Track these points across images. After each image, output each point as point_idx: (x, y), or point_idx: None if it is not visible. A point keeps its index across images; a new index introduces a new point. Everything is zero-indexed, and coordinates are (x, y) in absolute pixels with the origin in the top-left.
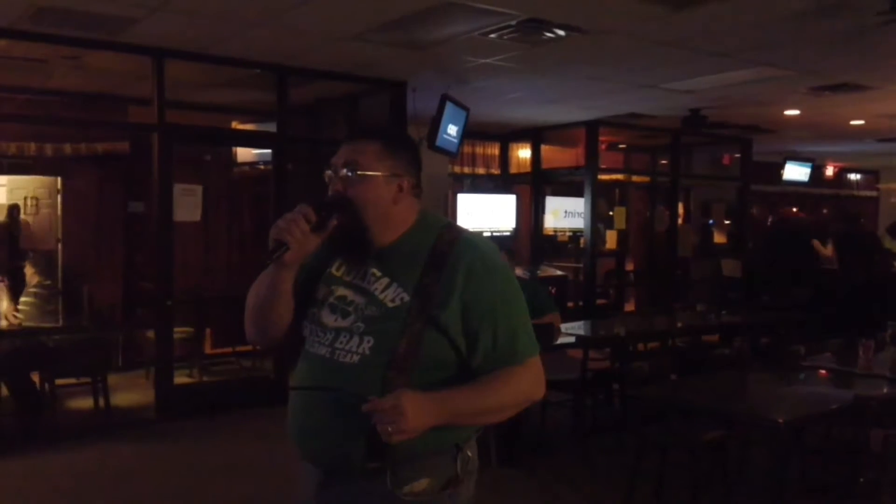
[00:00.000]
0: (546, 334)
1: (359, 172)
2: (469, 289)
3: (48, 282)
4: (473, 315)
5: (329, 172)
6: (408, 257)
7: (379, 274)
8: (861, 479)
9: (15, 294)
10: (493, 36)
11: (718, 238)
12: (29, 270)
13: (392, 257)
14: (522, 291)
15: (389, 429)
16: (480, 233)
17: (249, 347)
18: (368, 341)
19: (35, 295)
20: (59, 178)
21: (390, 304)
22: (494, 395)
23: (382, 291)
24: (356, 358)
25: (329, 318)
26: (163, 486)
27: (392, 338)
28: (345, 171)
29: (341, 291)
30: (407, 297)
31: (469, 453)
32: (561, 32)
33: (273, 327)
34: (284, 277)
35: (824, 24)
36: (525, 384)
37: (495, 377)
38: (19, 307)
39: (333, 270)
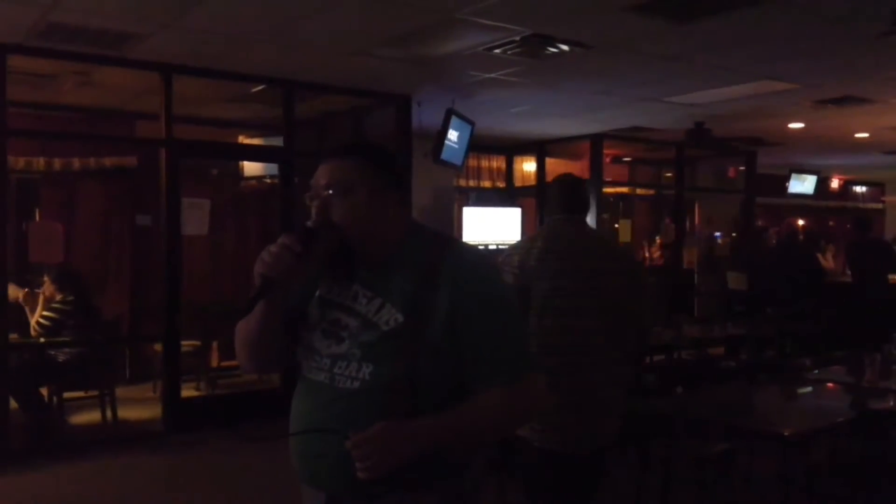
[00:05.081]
0: None
1: (341, 192)
2: (454, 301)
3: (70, 297)
4: (459, 327)
5: (310, 194)
6: (398, 275)
7: (370, 294)
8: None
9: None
10: (497, 51)
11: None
12: (49, 287)
13: (382, 276)
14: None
15: (359, 466)
16: (476, 245)
17: None
18: (368, 367)
19: (57, 311)
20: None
21: (385, 328)
22: (480, 418)
23: (376, 314)
24: (356, 384)
25: (322, 344)
26: (170, 500)
27: (391, 362)
28: (326, 191)
29: (333, 315)
30: (401, 318)
31: (476, 473)
32: (565, 47)
33: (266, 357)
34: (274, 311)
35: (827, 38)
36: (517, 403)
37: (482, 399)
38: (40, 321)
39: (324, 293)
